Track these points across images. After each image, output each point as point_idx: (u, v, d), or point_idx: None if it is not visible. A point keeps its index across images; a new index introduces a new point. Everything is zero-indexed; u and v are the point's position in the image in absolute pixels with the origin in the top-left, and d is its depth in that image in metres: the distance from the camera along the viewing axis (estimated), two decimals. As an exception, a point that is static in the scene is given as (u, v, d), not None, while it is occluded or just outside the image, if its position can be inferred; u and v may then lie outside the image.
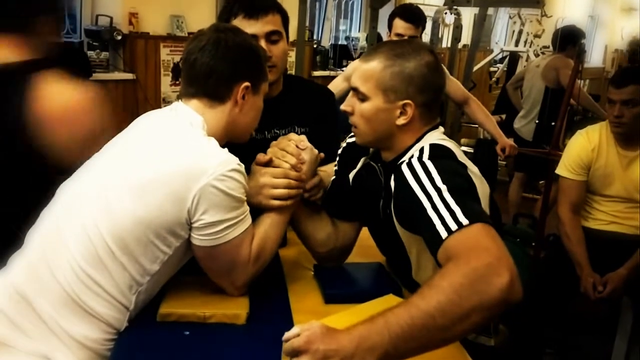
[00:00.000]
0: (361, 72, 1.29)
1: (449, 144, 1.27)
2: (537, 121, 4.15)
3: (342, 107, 1.33)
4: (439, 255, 1.03)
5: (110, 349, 1.14)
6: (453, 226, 1.01)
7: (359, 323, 0.92)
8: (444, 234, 1.02)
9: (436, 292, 0.89)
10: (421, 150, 1.22)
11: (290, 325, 0.94)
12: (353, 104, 1.30)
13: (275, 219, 1.30)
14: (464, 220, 1.01)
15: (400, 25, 2.75)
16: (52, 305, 1.11)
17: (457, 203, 1.05)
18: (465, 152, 1.33)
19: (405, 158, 1.24)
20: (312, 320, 0.93)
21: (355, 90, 1.30)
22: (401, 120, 1.27)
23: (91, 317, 1.12)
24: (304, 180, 1.33)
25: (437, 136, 1.30)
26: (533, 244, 2.83)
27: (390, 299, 1.26)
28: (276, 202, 1.29)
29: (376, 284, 1.43)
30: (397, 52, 1.27)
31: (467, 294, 0.88)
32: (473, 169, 1.25)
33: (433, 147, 1.22)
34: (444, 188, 1.09)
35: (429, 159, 1.17)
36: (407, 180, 1.15)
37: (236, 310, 1.23)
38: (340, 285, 1.41)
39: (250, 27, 1.46)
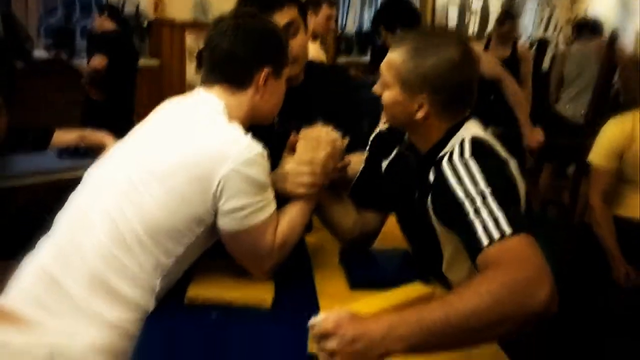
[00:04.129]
0: (386, 58, 1.27)
1: (489, 137, 1.23)
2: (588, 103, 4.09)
3: (374, 89, 1.31)
4: (478, 261, 1.01)
5: (139, 329, 1.15)
6: (496, 234, 0.99)
7: (388, 312, 0.91)
8: (485, 241, 1.00)
9: (474, 295, 0.89)
10: (462, 145, 1.17)
11: (316, 310, 0.94)
12: (381, 89, 1.28)
13: (301, 206, 1.29)
14: (507, 230, 0.99)
15: None
16: (81, 285, 1.12)
17: (501, 209, 1.02)
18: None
19: (446, 151, 1.20)
20: (337, 307, 0.93)
21: (381, 74, 1.28)
22: (418, 115, 1.23)
23: (119, 297, 1.13)
24: (329, 168, 1.31)
25: (475, 128, 1.25)
26: (561, 232, 2.77)
27: (418, 287, 1.25)
28: (301, 190, 1.28)
29: (403, 270, 1.42)
30: (418, 46, 1.22)
31: (505, 303, 0.88)
32: (512, 164, 1.22)
33: (475, 142, 1.18)
34: (487, 192, 1.06)
35: (471, 156, 1.13)
36: (449, 180, 1.12)
37: (262, 294, 1.23)
38: (366, 269, 1.40)
39: None
